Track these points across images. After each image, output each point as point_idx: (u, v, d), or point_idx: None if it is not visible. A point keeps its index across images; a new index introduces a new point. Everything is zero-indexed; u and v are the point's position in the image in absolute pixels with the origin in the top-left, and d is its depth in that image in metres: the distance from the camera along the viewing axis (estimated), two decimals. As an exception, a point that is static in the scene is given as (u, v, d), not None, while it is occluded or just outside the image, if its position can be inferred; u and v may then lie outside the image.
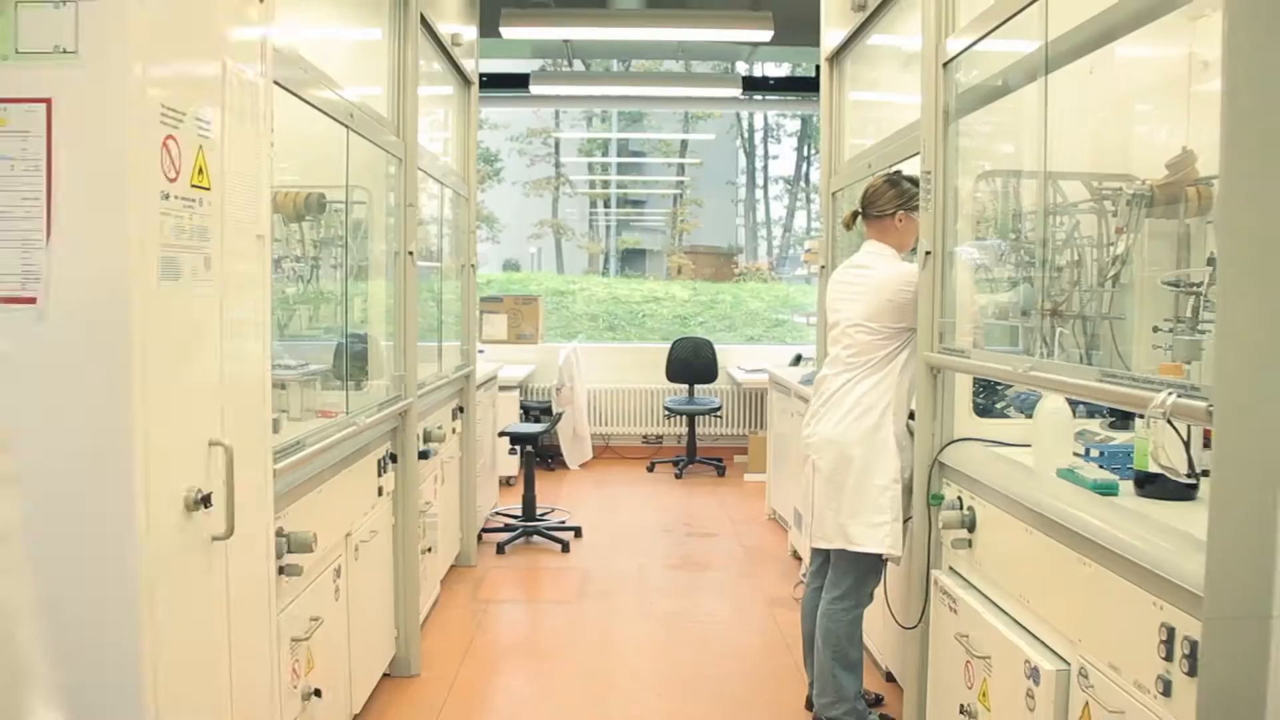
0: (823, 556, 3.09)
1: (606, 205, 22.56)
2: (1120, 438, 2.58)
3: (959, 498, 2.59)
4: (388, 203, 3.35)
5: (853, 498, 2.93)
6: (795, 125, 22.09)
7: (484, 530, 5.21)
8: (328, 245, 3.40)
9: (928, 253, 2.69)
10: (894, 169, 3.11)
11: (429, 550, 3.80)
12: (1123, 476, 2.20)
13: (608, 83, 8.34)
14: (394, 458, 3.25)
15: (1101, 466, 2.31)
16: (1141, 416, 2.13)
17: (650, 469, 7.45)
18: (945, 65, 2.66)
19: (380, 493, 3.12)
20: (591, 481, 7.05)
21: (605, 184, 22.04)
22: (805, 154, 22.18)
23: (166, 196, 1.47)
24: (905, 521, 2.93)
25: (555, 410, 7.01)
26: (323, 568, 2.55)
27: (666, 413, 7.51)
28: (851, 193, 3.81)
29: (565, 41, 6.43)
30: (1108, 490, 2.11)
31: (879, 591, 3.06)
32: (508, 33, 5.47)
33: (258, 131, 1.82)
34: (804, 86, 8.85)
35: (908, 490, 2.93)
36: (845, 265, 3.16)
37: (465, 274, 4.73)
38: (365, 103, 2.89)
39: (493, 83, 7.83)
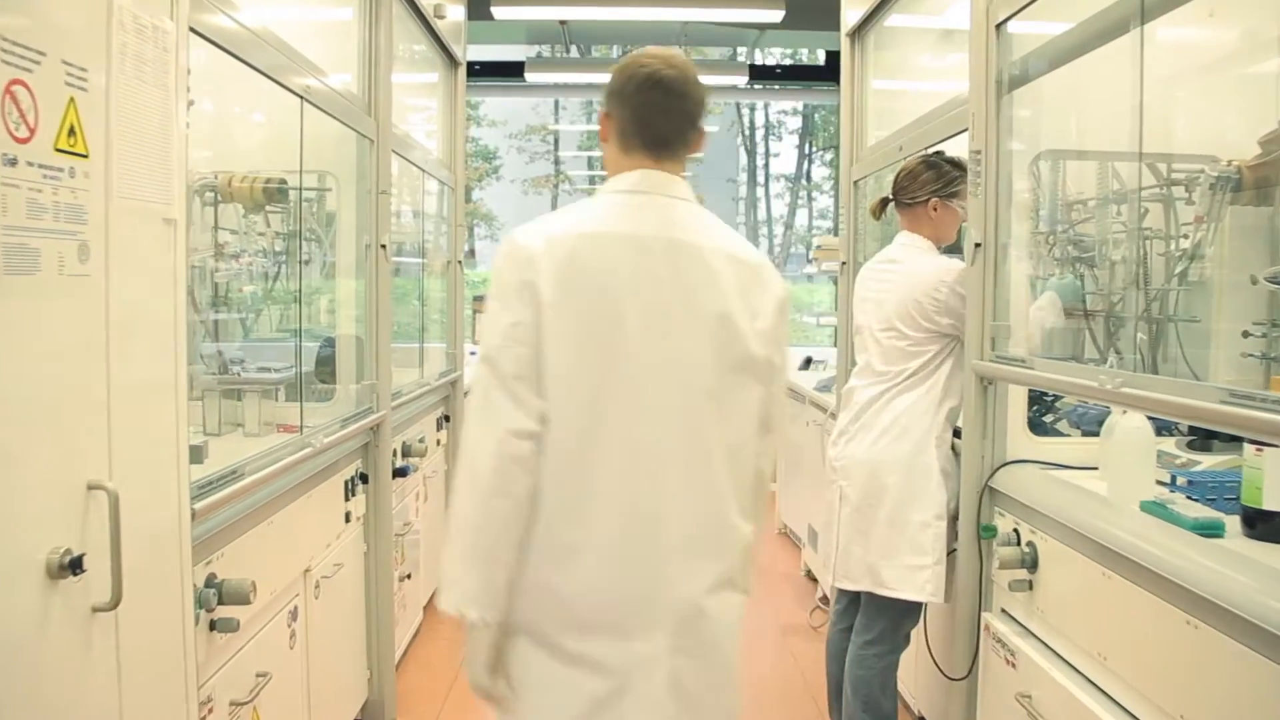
0: (850, 595, 2.71)
1: (607, 202, 22.15)
2: (1206, 461, 2.21)
3: (1015, 530, 2.22)
4: (360, 192, 2.98)
5: (886, 534, 2.55)
6: (796, 123, 21.76)
7: (474, 547, 4.83)
8: (295, 239, 3.04)
9: (977, 245, 2.33)
10: (933, 150, 2.73)
11: (408, 577, 3.43)
12: (1222, 511, 1.85)
13: (607, 70, 7.96)
14: (365, 477, 2.88)
15: (1191, 498, 1.94)
16: (1246, 440, 1.77)
17: (652, 477, 7.07)
18: (998, 27, 2.30)
19: (348, 518, 2.75)
20: (590, 491, 6.67)
21: (605, 179, 21.66)
22: (806, 151, 21.85)
23: (13, 162, 1.10)
24: (950, 554, 2.57)
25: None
26: (272, 613, 2.18)
27: (669, 418, 7.12)
28: (880, 182, 3.45)
29: (561, 23, 6.04)
30: (1212, 530, 1.74)
31: (917, 631, 2.70)
32: (499, 13, 5.09)
33: (167, 89, 1.45)
34: (811, 75, 8.51)
35: (950, 520, 2.56)
36: (874, 260, 2.78)
37: (452, 271, 4.35)
38: (329, 75, 2.52)
39: (486, 71, 7.47)
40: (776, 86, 8.45)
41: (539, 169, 20.07)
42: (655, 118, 1.54)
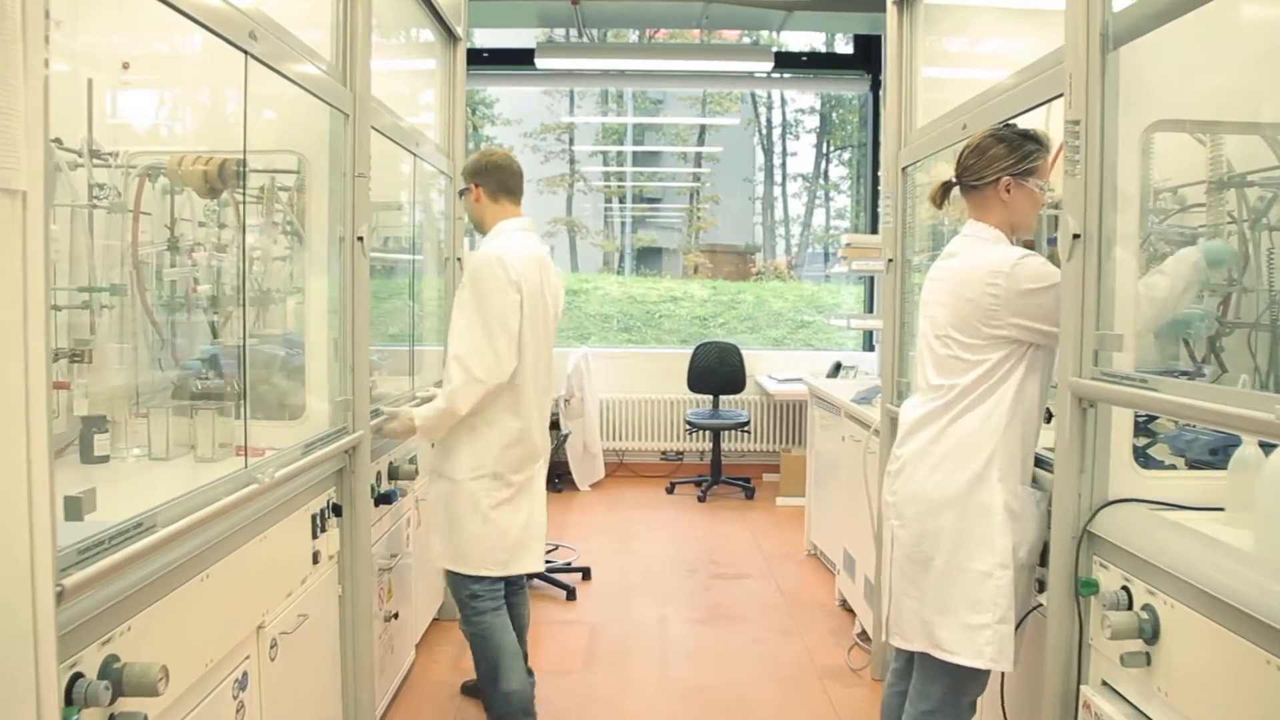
0: (908, 653, 2.29)
1: (621, 201, 21.86)
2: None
3: (1124, 589, 1.79)
4: (334, 176, 2.56)
5: (941, 585, 2.13)
6: (814, 122, 21.36)
7: (475, 572, 4.43)
8: (264, 229, 2.65)
9: (1076, 236, 1.89)
10: (1004, 124, 2.30)
11: (395, 616, 3.02)
12: None
13: (622, 55, 7.52)
14: (338, 509, 2.47)
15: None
16: None
17: (670, 490, 6.65)
18: (1104, -33, 1.87)
19: (317, 559, 2.34)
20: (603, 505, 6.26)
21: (620, 178, 21.36)
22: (824, 151, 21.44)
23: None
24: (1032, 611, 2.14)
25: (563, 425, 6.22)
26: (210, 687, 1.77)
27: (688, 427, 6.71)
28: (933, 172, 3.01)
29: (575, 3, 5.62)
30: None
31: (991, 701, 2.27)
32: (506, -11, 4.68)
33: (4, 15, 1.04)
34: (839, 63, 8.06)
35: (1026, 570, 2.13)
36: (939, 257, 2.36)
37: (450, 269, 3.94)
38: (290, 31, 2.10)
39: (495, 58, 7.07)
40: (807, 74, 7.99)
41: (554, 168, 19.74)
42: (510, 179, 2.89)
